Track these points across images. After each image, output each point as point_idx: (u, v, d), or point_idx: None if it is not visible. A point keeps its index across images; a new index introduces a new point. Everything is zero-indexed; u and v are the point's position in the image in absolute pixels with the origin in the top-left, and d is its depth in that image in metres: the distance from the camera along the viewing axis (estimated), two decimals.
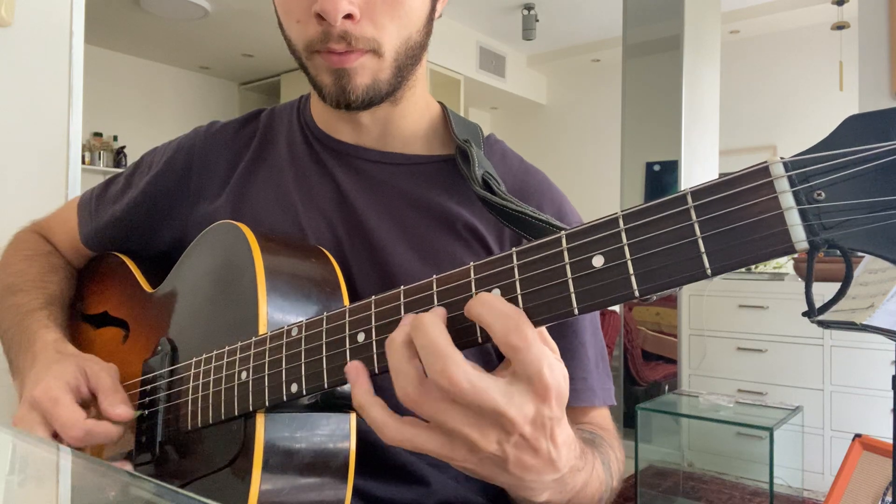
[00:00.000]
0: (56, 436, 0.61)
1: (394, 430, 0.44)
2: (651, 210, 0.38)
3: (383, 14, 0.61)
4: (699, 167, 3.49)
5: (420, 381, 0.42)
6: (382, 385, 0.46)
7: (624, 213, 0.39)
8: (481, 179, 0.65)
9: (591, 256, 0.40)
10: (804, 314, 0.34)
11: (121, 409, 0.61)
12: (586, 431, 0.66)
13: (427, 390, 0.42)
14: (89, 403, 0.63)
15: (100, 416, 0.62)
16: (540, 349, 0.40)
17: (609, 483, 0.59)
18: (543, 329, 0.43)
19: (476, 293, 0.43)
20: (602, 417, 0.71)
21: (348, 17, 0.59)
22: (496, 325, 0.40)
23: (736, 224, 0.35)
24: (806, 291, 0.33)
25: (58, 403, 0.60)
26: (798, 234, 0.33)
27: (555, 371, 0.41)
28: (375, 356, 0.47)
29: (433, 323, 0.42)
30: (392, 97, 0.69)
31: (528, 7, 4.89)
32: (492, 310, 0.41)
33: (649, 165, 3.49)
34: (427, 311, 0.44)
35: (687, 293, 3.19)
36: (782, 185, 0.34)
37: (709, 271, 0.35)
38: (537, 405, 0.41)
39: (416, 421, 0.44)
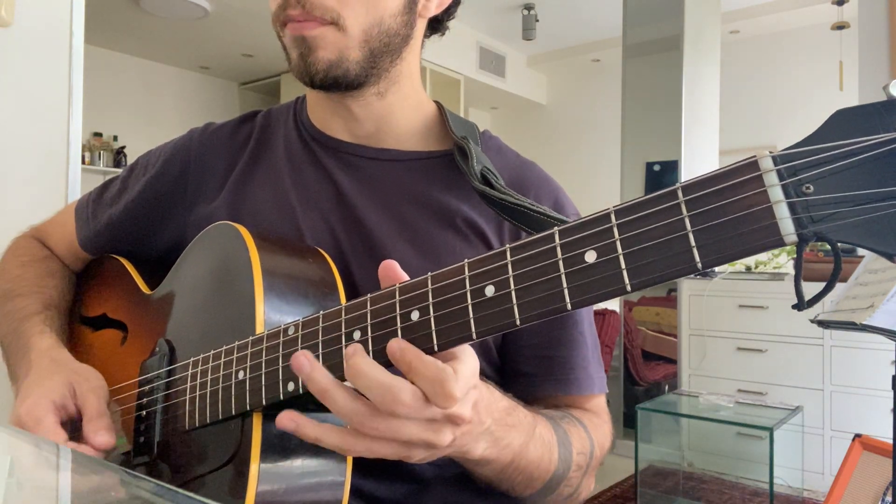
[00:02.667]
0: None
1: (354, 445, 0.47)
2: (643, 205, 0.38)
3: None
4: (699, 167, 3.48)
5: (371, 413, 0.46)
6: None
7: (616, 208, 0.39)
8: (480, 174, 0.66)
9: (584, 252, 0.40)
10: (794, 307, 0.34)
11: (102, 436, 0.60)
12: (557, 412, 0.68)
13: (380, 418, 0.46)
14: (75, 422, 0.63)
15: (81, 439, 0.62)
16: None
17: (567, 458, 0.62)
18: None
19: (469, 290, 0.44)
20: (596, 405, 0.73)
21: None
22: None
23: (726, 218, 0.35)
24: (795, 283, 0.33)
25: (40, 424, 0.60)
26: (787, 227, 0.33)
27: (472, 359, 0.47)
28: (371, 354, 0.48)
29: (366, 361, 0.46)
30: (371, 86, 0.70)
31: (528, 7, 4.89)
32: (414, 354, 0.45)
33: (649, 165, 3.49)
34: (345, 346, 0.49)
35: (687, 293, 3.19)
36: (771, 179, 0.34)
37: (699, 265, 0.35)
38: (472, 391, 0.47)
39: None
